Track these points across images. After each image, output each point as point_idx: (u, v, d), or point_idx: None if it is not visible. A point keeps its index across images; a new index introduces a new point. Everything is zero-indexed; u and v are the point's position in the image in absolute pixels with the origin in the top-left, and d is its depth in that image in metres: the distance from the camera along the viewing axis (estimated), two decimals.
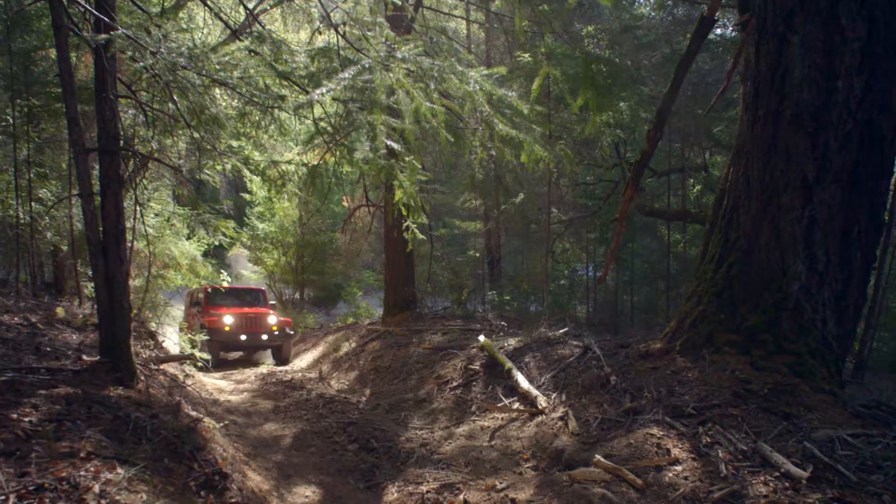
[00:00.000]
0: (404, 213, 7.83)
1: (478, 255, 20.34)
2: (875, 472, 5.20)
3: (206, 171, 11.01)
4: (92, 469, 3.41)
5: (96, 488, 3.16)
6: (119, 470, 3.51)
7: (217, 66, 4.66)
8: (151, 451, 4.15)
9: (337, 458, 6.87)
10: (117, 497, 3.11)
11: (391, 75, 4.38)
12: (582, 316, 17.79)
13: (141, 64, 4.41)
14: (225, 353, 16.33)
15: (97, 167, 6.12)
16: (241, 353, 18.25)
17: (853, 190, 6.76)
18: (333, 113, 5.81)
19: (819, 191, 6.75)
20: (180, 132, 8.65)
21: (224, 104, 8.67)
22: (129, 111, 8.48)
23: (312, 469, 6.49)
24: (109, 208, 5.88)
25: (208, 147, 7.72)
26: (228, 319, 15.19)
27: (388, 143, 4.91)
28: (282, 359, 16.29)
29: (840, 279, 6.87)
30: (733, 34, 14.94)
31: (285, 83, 5.72)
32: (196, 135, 6.36)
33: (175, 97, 6.37)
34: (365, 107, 4.95)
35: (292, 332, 16.63)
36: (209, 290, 15.95)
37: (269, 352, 17.43)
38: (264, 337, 15.59)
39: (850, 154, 6.71)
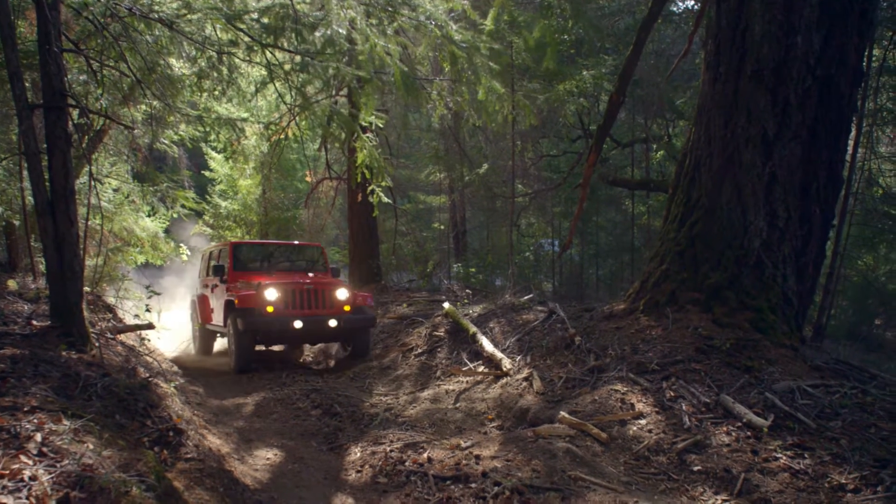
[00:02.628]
0: (368, 175, 7.71)
1: (442, 227, 20.26)
2: (833, 419, 5.27)
3: (164, 141, 10.71)
4: (35, 421, 3.26)
5: (38, 437, 3.02)
6: (65, 422, 3.36)
7: (163, 8, 4.48)
8: (101, 407, 4.00)
9: (300, 424, 6.76)
10: (59, 444, 2.98)
11: (344, 12, 4.25)
12: (548, 290, 17.85)
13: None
14: (267, 346, 10.53)
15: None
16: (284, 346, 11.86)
17: (812, 146, 6.80)
18: (288, 59, 5.62)
19: (779, 147, 6.78)
20: (136, 98, 8.39)
21: (179, 68, 8.42)
22: (82, 77, 8.21)
23: (274, 434, 6.38)
24: (57, 167, 5.64)
25: (166, 115, 7.49)
26: (272, 294, 9.27)
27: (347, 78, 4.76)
28: (359, 351, 10.27)
29: (800, 235, 6.93)
30: (695, 6, 14.97)
31: (240, 36, 5.54)
32: (149, 93, 6.13)
33: (127, 56, 6.15)
34: (316, 54, 4.80)
35: (374, 316, 10.35)
36: (236, 244, 11.03)
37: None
38: (332, 323, 9.44)
39: (809, 110, 6.74)
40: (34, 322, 5.96)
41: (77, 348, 5.53)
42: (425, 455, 5.30)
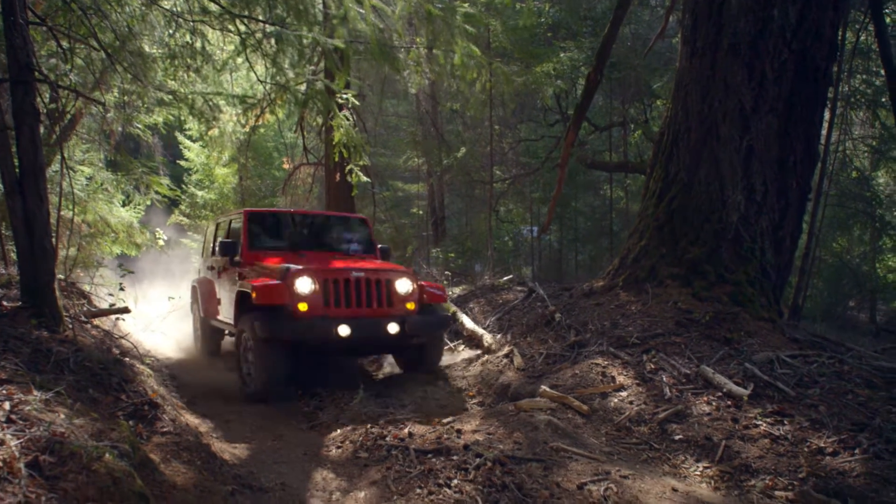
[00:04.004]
0: (345, 154, 7.62)
1: (421, 212, 20.22)
2: (812, 387, 5.31)
3: (137, 125, 10.50)
4: (4, 392, 3.18)
5: (6, 405, 2.94)
6: (35, 393, 3.28)
7: None
8: (74, 381, 3.91)
9: (279, 405, 6.69)
10: (29, 411, 2.90)
11: None
12: (527, 275, 17.88)
13: None
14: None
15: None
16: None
17: (789, 120, 6.83)
18: (261, 29, 5.50)
19: (756, 120, 6.80)
20: (108, 81, 8.22)
21: (152, 49, 8.24)
22: (51, 60, 8.03)
23: (253, 414, 6.30)
24: (25, 143, 5.50)
25: (139, 92, 7.31)
26: (306, 285, 6.57)
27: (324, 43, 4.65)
28: (427, 362, 7.50)
29: (777, 209, 6.96)
30: None
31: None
32: (120, 69, 5.99)
33: (97, 32, 6.01)
34: (290, 24, 4.71)
35: (448, 316, 7.73)
36: (252, 213, 8.15)
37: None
38: (392, 329, 6.72)
39: (785, 84, 6.76)
40: (4, 303, 5.83)
41: (49, 328, 5.42)
42: (406, 430, 5.26)
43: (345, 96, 7.01)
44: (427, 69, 6.34)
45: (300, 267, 6.73)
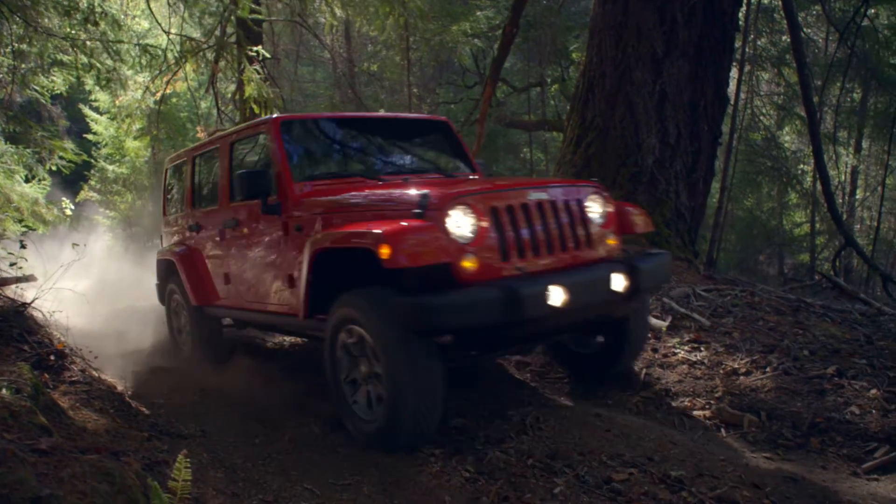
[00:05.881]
0: (256, 110, 7.41)
1: None
2: (726, 317, 5.51)
3: (35, 88, 9.87)
4: None
5: None
6: None
7: None
8: None
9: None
10: None
11: None
12: None
13: None
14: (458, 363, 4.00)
15: None
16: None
17: (699, 63, 6.99)
18: None
19: (668, 65, 6.93)
20: None
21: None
22: None
23: (169, 372, 6.11)
24: None
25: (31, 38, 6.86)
26: (465, 221, 3.43)
27: None
28: (631, 348, 4.52)
29: (690, 152, 7.14)
30: None
31: None
32: (6, 11, 5.60)
33: None
34: None
35: (669, 254, 4.85)
36: (286, 122, 4.63)
37: None
38: (617, 283, 3.75)
39: (695, 28, 6.90)
40: None
41: None
42: None
43: (255, 50, 6.80)
44: (338, 4, 6.17)
45: (450, 191, 3.63)
